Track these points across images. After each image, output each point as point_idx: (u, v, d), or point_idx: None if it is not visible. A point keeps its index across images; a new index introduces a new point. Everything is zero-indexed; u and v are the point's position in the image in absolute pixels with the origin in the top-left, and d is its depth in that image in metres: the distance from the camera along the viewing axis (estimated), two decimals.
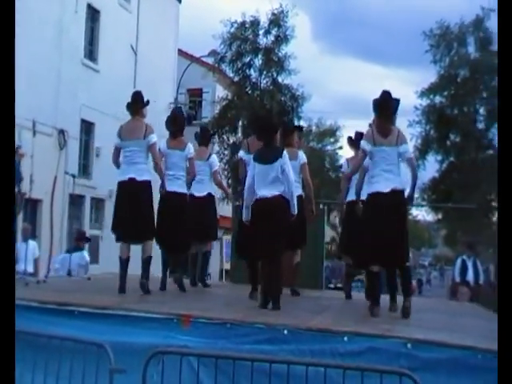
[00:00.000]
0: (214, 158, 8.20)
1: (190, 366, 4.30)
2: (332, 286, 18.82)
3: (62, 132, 16.54)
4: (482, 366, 4.07)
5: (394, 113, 5.76)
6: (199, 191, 7.54)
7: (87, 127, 17.82)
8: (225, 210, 13.44)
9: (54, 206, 16.15)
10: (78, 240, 10.95)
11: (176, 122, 7.15)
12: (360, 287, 12.20)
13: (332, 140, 34.46)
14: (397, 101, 5.72)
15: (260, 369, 3.99)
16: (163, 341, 4.58)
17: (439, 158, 25.14)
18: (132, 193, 6.41)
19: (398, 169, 5.61)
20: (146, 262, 6.53)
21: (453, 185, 24.15)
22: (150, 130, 6.50)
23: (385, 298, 5.89)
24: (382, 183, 5.50)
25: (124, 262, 6.48)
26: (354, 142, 7.00)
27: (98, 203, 18.24)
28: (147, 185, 6.50)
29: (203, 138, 8.14)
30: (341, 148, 34.70)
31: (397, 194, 5.50)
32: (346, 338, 4.37)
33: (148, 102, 6.70)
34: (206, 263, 8.26)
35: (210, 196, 7.81)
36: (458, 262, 13.98)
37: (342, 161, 6.42)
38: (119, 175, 6.58)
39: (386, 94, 5.71)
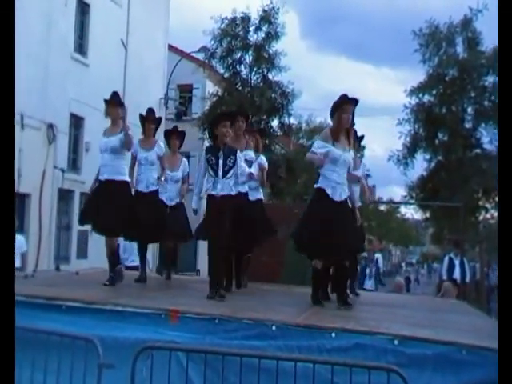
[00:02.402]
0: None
1: (178, 362, 4.31)
2: None
3: (50, 126, 16.44)
4: (467, 362, 4.11)
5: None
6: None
7: (76, 121, 17.73)
8: None
9: (43, 200, 16.07)
10: None
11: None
12: None
13: None
14: (355, 101, 5.84)
15: (249, 364, 4.02)
16: (152, 336, 4.58)
17: (427, 156, 25.19)
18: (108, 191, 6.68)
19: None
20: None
21: (440, 183, 24.21)
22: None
23: (369, 294, 5.93)
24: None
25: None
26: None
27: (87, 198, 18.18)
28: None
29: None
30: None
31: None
32: (333, 334, 4.39)
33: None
34: None
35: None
36: (446, 260, 14.10)
37: None
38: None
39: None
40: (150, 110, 7.54)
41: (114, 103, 6.79)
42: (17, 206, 15.20)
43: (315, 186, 5.95)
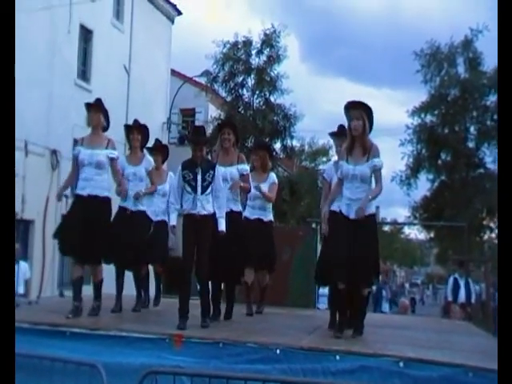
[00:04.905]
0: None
1: None
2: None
3: (54, 152, 16.52)
4: None
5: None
6: None
7: None
8: None
9: (46, 226, 16.05)
10: None
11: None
12: None
13: (325, 159, 34.49)
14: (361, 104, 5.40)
15: None
16: (156, 361, 4.59)
17: (430, 176, 25.22)
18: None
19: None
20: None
21: (444, 203, 24.21)
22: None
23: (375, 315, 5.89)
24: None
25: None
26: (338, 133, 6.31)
27: None
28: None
29: None
30: (329, 163, 34.30)
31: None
32: (337, 357, 4.38)
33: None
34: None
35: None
36: (451, 280, 14.04)
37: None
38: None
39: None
40: (135, 121, 7.14)
41: (96, 108, 6.41)
42: (21, 233, 15.22)
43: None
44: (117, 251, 6.40)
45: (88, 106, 6.50)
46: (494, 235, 27.59)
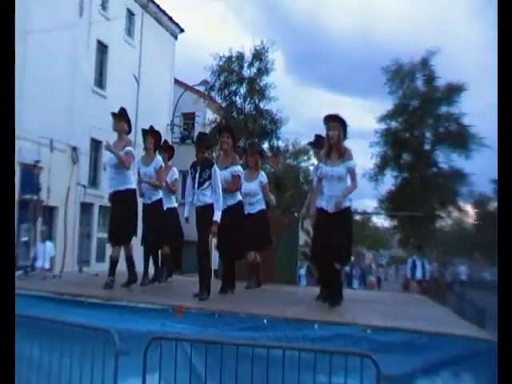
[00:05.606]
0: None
1: (183, 350, 4.29)
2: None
3: (74, 149, 16.48)
4: (427, 346, 4.13)
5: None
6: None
7: (96, 145, 17.72)
8: None
9: (68, 212, 16.03)
10: None
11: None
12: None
13: (306, 158, 34.55)
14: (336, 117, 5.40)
15: (244, 352, 4.00)
16: (161, 328, 4.57)
17: (395, 174, 25.37)
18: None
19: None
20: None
21: (406, 197, 24.34)
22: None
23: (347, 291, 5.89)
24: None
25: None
26: (315, 143, 6.55)
27: (105, 210, 18.12)
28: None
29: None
30: (313, 165, 34.49)
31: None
32: (316, 326, 4.38)
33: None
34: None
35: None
36: (410, 261, 14.14)
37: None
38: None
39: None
40: (151, 126, 7.08)
41: (121, 117, 6.41)
42: (46, 217, 15.19)
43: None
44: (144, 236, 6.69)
45: (113, 114, 6.48)
46: (444, 223, 27.81)
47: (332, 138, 5.31)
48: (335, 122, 5.33)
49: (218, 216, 5.69)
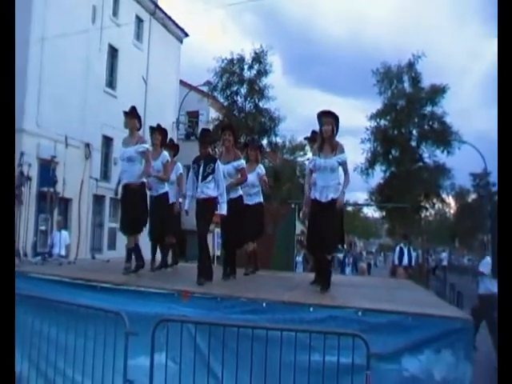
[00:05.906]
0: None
1: (188, 331, 4.29)
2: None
3: (87, 145, 16.43)
4: (413, 326, 4.12)
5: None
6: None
7: (107, 141, 17.68)
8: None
9: (82, 203, 16.01)
10: None
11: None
12: None
13: (302, 153, 34.50)
14: (330, 113, 5.33)
15: (244, 334, 4.00)
16: (167, 311, 4.56)
17: (383, 168, 25.32)
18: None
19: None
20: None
21: (393, 189, 24.33)
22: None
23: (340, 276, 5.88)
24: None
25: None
26: (312, 138, 6.51)
27: (116, 202, 18.10)
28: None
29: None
30: (308, 159, 34.27)
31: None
32: (311, 309, 4.36)
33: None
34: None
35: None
36: (397, 249, 14.09)
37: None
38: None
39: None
40: (158, 125, 7.01)
41: (132, 115, 6.34)
42: (62, 208, 15.18)
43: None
44: (151, 226, 6.55)
45: (125, 113, 6.43)
46: (428, 214, 27.81)
47: (325, 132, 5.25)
48: (328, 118, 5.27)
49: (224, 209, 5.62)
